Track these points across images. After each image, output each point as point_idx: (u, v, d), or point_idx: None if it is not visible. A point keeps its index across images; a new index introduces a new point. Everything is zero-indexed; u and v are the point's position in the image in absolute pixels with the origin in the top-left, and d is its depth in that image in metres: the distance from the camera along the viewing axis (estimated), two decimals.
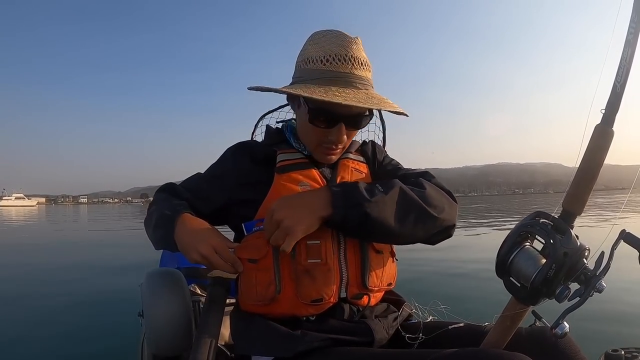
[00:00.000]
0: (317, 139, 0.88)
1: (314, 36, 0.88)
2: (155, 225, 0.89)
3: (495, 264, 0.65)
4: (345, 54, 0.83)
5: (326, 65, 0.83)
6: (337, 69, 0.83)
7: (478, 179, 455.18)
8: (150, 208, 0.94)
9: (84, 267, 5.96)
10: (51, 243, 10.14)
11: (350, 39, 0.85)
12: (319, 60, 0.83)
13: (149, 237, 0.94)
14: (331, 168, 0.94)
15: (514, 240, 0.64)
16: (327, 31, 0.87)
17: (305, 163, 0.91)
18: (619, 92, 0.57)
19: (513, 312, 0.66)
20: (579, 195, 0.62)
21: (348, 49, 0.84)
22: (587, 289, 0.57)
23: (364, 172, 0.96)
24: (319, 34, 0.88)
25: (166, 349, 0.96)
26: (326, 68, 0.83)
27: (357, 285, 0.83)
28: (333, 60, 0.83)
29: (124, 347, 2.28)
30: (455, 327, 0.84)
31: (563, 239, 0.59)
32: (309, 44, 0.88)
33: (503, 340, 0.68)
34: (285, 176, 0.87)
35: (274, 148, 0.93)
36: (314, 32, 0.89)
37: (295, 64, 0.91)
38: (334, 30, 0.87)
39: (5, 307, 3.71)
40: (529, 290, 0.61)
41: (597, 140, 0.61)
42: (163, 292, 0.98)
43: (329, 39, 0.85)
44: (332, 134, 0.86)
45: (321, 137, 0.88)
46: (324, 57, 0.83)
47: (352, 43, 0.84)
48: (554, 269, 0.57)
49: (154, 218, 0.90)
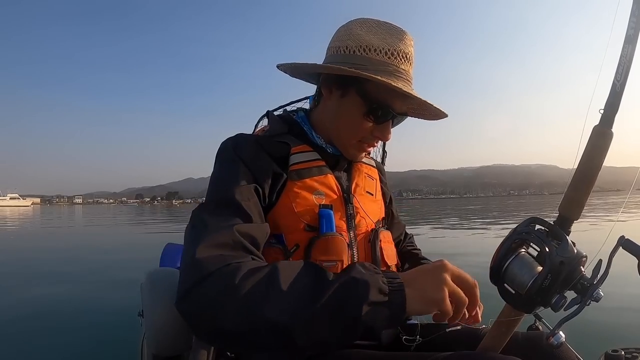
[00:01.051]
0: (360, 135, 0.83)
1: (362, 22, 0.82)
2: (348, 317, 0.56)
3: (490, 271, 0.64)
4: (407, 52, 0.81)
5: (390, 59, 0.79)
6: (400, 66, 0.79)
7: (473, 180, 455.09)
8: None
9: (84, 267, 6.03)
10: (51, 243, 10.28)
11: (410, 37, 0.82)
12: (383, 52, 0.79)
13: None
14: (346, 172, 0.90)
15: (509, 246, 0.62)
16: (381, 22, 0.82)
17: (321, 167, 0.84)
18: (619, 91, 0.54)
19: (508, 318, 0.64)
20: (576, 200, 0.59)
21: (410, 47, 0.81)
22: (584, 298, 0.55)
23: (375, 177, 0.96)
24: (369, 20, 0.82)
25: (166, 349, 0.97)
26: (390, 62, 0.79)
27: None
28: (398, 55, 0.79)
29: (124, 347, 2.29)
30: (452, 329, 0.84)
31: (559, 247, 0.56)
32: (360, 28, 0.81)
33: (499, 345, 0.67)
34: (299, 183, 0.80)
35: (286, 141, 0.83)
36: (361, 19, 0.83)
37: (339, 47, 0.82)
38: (388, 22, 0.82)
39: (5, 307, 3.77)
40: (523, 298, 0.59)
41: (596, 142, 0.58)
42: (163, 291, 0.98)
43: (387, 30, 0.81)
44: (379, 130, 0.82)
45: (366, 132, 0.82)
46: (389, 50, 0.79)
47: (412, 41, 0.82)
48: (549, 279, 0.56)
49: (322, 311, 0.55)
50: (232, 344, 0.58)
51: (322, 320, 0.54)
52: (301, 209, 0.78)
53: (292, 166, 0.80)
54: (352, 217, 0.83)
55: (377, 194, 0.94)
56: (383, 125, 0.82)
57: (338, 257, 0.77)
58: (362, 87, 0.78)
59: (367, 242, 0.84)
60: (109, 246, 9.11)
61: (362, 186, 0.89)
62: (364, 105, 0.79)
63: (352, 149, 0.86)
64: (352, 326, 0.55)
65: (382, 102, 0.79)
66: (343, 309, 0.55)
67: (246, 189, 0.73)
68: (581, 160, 0.58)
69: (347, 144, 0.85)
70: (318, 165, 0.83)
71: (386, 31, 0.80)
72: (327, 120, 0.86)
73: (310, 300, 0.55)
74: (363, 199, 0.87)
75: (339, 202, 0.82)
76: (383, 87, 0.76)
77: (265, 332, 0.55)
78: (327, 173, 0.83)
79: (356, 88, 0.79)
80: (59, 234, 13.62)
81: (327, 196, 0.81)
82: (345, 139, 0.85)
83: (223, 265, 0.59)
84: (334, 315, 0.55)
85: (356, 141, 0.84)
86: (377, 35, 0.80)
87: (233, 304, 0.55)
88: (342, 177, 0.88)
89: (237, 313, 0.55)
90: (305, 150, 0.83)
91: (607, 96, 0.55)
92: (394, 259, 0.89)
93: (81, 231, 15.25)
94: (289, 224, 0.77)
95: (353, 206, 0.84)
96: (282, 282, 0.57)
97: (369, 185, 0.92)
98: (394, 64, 0.79)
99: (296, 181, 0.79)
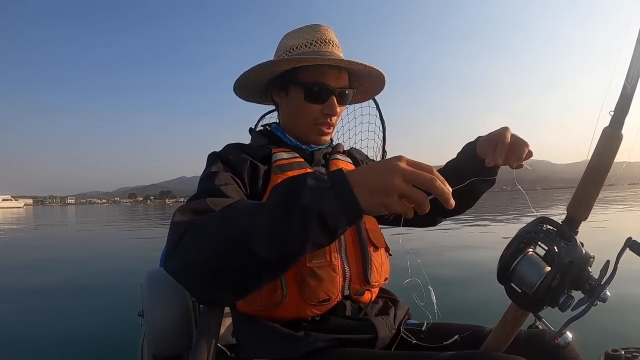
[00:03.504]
0: (312, 118, 0.91)
1: (289, 33, 0.94)
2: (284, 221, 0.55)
3: (497, 270, 0.64)
4: (326, 37, 0.92)
5: (310, 48, 0.89)
6: (321, 49, 0.90)
7: None
8: (206, 230, 0.61)
9: (84, 267, 6.01)
10: (50, 243, 10.16)
11: (326, 27, 0.93)
12: (303, 46, 0.90)
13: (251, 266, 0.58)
14: (325, 168, 0.96)
15: (517, 246, 0.62)
16: (302, 27, 0.94)
17: (300, 162, 0.91)
18: (629, 94, 0.55)
19: (513, 317, 0.65)
20: (584, 200, 0.60)
21: (327, 34, 0.92)
22: (591, 298, 0.55)
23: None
24: (294, 30, 0.94)
25: (166, 349, 0.96)
26: (311, 49, 0.89)
27: (359, 281, 0.84)
28: (316, 43, 0.90)
29: (124, 347, 2.29)
30: (455, 328, 0.84)
31: (568, 247, 0.57)
32: (286, 39, 0.94)
33: (503, 344, 0.67)
34: (282, 175, 0.87)
35: (267, 146, 0.92)
36: (289, 32, 0.95)
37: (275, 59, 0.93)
38: (308, 24, 0.93)
39: (5, 307, 3.75)
40: (531, 298, 0.60)
41: (605, 143, 0.58)
42: (163, 292, 0.98)
43: (305, 30, 0.92)
44: (326, 108, 0.89)
45: (316, 114, 0.90)
46: (307, 42, 0.90)
47: (328, 30, 0.93)
48: (558, 279, 0.56)
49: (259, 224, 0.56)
50: (209, 275, 0.59)
51: (273, 220, 0.55)
52: None
53: (274, 162, 0.89)
54: None
55: None
56: (328, 103, 0.89)
57: None
58: (296, 78, 0.88)
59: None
60: (109, 246, 9.06)
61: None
62: (303, 91, 0.88)
63: (312, 134, 0.93)
64: (304, 216, 0.53)
65: (316, 82, 0.87)
66: (287, 204, 0.55)
67: (224, 176, 0.80)
68: (590, 161, 0.59)
69: (306, 131, 0.93)
70: (297, 161, 0.91)
71: (304, 31, 0.92)
72: (288, 121, 0.96)
73: (259, 210, 0.57)
74: None
75: None
76: (312, 71, 0.87)
77: (228, 250, 0.57)
78: (306, 167, 0.91)
79: (292, 82, 0.89)
80: (57, 234, 13.45)
81: None
82: (303, 128, 0.93)
83: (192, 222, 0.63)
84: (281, 212, 0.55)
85: (312, 125, 0.92)
86: (297, 37, 0.92)
87: (199, 239, 0.60)
88: (320, 170, 0.94)
89: (203, 243, 0.59)
90: (285, 150, 0.93)
91: (618, 98, 0.55)
92: (382, 241, 0.92)
93: (81, 231, 15.11)
94: None
95: None
96: (237, 207, 0.62)
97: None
98: (314, 49, 0.90)
99: (279, 174, 0.87)
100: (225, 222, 0.59)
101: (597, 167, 0.59)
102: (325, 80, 0.87)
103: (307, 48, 0.90)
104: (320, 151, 0.96)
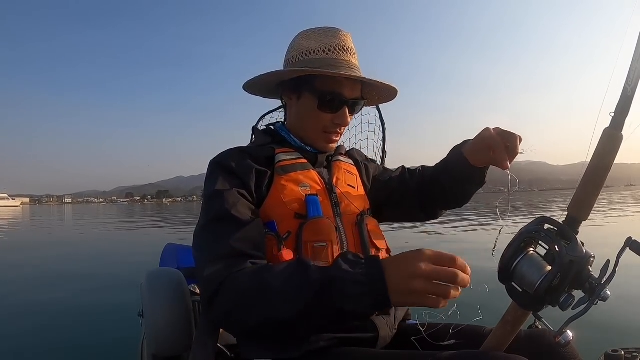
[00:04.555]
0: (322, 126, 0.91)
1: (304, 33, 0.92)
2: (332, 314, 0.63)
3: (498, 269, 0.64)
4: (344, 44, 0.90)
5: (329, 55, 0.88)
6: (340, 57, 0.89)
7: None
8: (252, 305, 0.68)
9: (84, 267, 5.98)
10: (49, 243, 10.12)
11: (344, 33, 0.91)
12: (321, 51, 0.88)
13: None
14: (327, 169, 0.96)
15: (518, 245, 0.62)
16: (319, 28, 0.92)
17: (304, 164, 0.92)
18: (630, 95, 0.55)
19: (514, 317, 0.65)
20: (585, 201, 0.60)
21: (346, 41, 0.91)
22: (592, 297, 0.56)
23: (354, 173, 1.02)
24: (309, 30, 0.92)
25: (166, 349, 0.96)
26: (329, 57, 0.88)
27: None
28: (335, 49, 0.89)
29: (124, 347, 2.29)
30: (456, 328, 0.84)
31: (569, 247, 0.57)
32: (301, 39, 0.92)
33: (503, 344, 0.68)
34: (285, 177, 0.87)
35: (271, 146, 0.92)
36: (302, 31, 0.93)
37: (287, 60, 0.93)
38: (325, 27, 0.92)
39: (5, 308, 3.74)
40: (532, 297, 0.60)
41: (606, 144, 0.59)
42: (163, 292, 0.97)
43: (324, 33, 0.91)
44: (338, 118, 0.90)
45: (327, 122, 0.90)
46: (326, 47, 0.89)
47: (347, 36, 0.91)
48: (559, 278, 0.56)
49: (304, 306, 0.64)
50: (254, 337, 0.73)
51: (314, 314, 0.63)
52: (289, 199, 0.85)
53: (277, 163, 0.89)
54: (337, 204, 0.90)
55: (358, 188, 1.00)
56: (340, 113, 0.89)
57: (327, 237, 0.82)
58: (311, 85, 0.87)
59: (354, 225, 0.89)
60: (108, 246, 9.04)
61: (343, 180, 0.96)
62: (317, 99, 0.88)
63: (320, 141, 0.93)
64: (340, 316, 0.62)
65: (331, 92, 0.87)
66: (329, 306, 0.62)
67: (232, 196, 0.80)
68: (591, 162, 0.59)
69: (314, 137, 0.93)
70: (301, 162, 0.91)
71: (322, 34, 0.91)
72: (296, 124, 0.95)
73: (302, 299, 0.64)
74: (345, 190, 0.94)
75: (324, 192, 0.90)
76: (329, 80, 0.86)
77: (272, 328, 0.67)
78: (309, 169, 0.92)
79: (307, 87, 0.88)
80: (56, 234, 13.38)
81: (312, 187, 0.89)
82: (311, 134, 0.93)
83: (224, 279, 0.70)
84: (322, 309, 0.63)
85: (321, 132, 0.92)
86: (314, 40, 0.90)
87: (242, 312, 0.68)
88: (323, 172, 0.95)
89: (248, 317, 0.67)
90: (288, 150, 0.93)
91: (618, 100, 0.56)
92: (383, 243, 0.93)
93: (80, 230, 15.06)
94: (279, 213, 0.84)
95: (337, 195, 0.91)
96: (274, 286, 0.66)
97: (350, 179, 0.98)
98: (333, 57, 0.88)
99: (282, 175, 0.87)
100: (269, 307, 0.66)
101: (597, 168, 0.59)
102: (341, 90, 0.87)
103: (325, 54, 0.88)
104: (324, 153, 0.96)
